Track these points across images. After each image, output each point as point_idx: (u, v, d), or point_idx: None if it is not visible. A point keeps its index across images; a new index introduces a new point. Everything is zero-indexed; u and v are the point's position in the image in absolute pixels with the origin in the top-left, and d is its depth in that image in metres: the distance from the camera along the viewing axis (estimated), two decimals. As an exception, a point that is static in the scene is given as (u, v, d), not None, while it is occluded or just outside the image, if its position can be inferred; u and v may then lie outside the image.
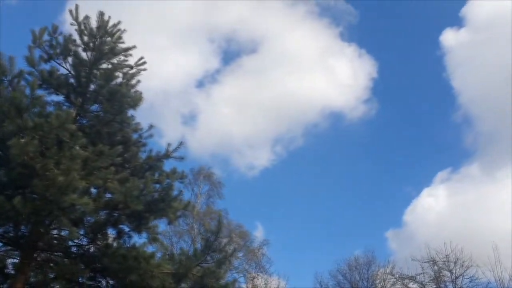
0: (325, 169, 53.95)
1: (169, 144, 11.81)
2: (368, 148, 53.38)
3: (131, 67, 12.31)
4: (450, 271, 23.78)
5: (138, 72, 12.29)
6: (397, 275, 26.83)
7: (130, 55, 12.26)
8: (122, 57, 12.19)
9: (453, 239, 24.73)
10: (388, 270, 28.87)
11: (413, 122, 53.37)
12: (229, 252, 11.24)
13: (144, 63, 12.43)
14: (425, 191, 42.76)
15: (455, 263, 23.61)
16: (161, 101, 53.46)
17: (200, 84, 57.72)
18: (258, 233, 34.70)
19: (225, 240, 11.56)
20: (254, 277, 31.00)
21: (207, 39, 56.08)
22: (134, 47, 12.27)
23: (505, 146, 42.95)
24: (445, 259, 23.82)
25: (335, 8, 56.89)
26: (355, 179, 51.70)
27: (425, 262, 24.27)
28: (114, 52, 11.99)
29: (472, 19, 50.28)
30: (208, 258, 10.87)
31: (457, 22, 60.30)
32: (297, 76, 54.99)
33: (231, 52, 58.82)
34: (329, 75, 55.08)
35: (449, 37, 50.24)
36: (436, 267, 24.10)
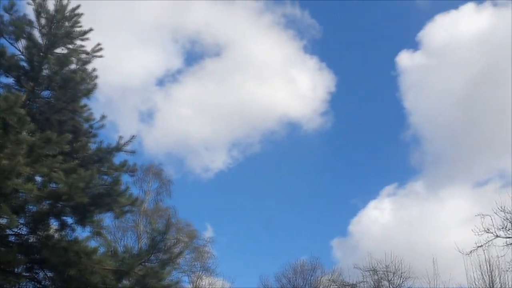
0: (279, 176, 54.82)
1: (120, 137, 11.57)
2: (321, 159, 54.79)
3: (87, 53, 11.94)
4: (389, 281, 24.54)
5: (94, 58, 11.92)
6: (339, 282, 27.42)
7: (87, 39, 11.86)
8: (79, 42, 11.80)
9: (395, 251, 25.54)
10: (331, 277, 29.48)
11: (365, 137, 55.35)
12: (174, 253, 11.09)
13: (101, 49, 12.08)
14: (372, 204, 44.04)
15: (394, 273, 24.38)
16: (120, 96, 52.36)
17: (161, 82, 57.07)
18: (208, 234, 34.61)
19: (172, 241, 11.39)
20: (198, 277, 30.82)
21: (171, 38, 55.46)
22: (91, 30, 11.88)
23: (450, 167, 45.08)
24: (385, 269, 24.56)
25: (300, 22, 57.88)
26: (307, 188, 52.92)
27: (366, 271, 24.93)
28: (70, 37, 11.57)
29: (427, 43, 52.49)
30: (153, 257, 10.69)
31: (414, 45, 62.83)
32: (259, 83, 55.47)
33: (195, 54, 58.50)
34: (290, 85, 55.93)
35: (404, 59, 52.26)
36: (376, 277, 24.80)
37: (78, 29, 11.79)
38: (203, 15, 55.46)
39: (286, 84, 57.18)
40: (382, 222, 42.01)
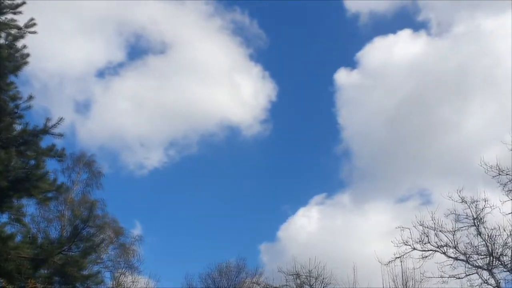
0: (214, 179, 54.93)
1: (48, 119, 11.05)
2: (257, 165, 55.63)
3: (19, 28, 11.33)
4: (311, 285, 25.13)
5: (26, 34, 11.30)
6: (263, 285, 27.76)
7: (20, 12, 11.23)
8: (10, 16, 11.16)
9: (319, 257, 26.24)
10: (255, 280, 29.80)
11: (300, 148, 57.10)
12: (96, 242, 10.81)
13: (34, 24, 11.48)
14: (301, 211, 45.11)
15: (316, 278, 25.00)
16: (56, 84, 50.28)
17: (101, 74, 55.42)
18: (136, 232, 33.87)
19: (94, 230, 11.05)
20: (121, 274, 30.06)
21: (116, 31, 54.18)
22: (23, 3, 11.27)
23: (375, 183, 47.17)
24: (308, 274, 25.13)
25: (249, 30, 58.63)
26: (240, 192, 53.44)
27: (290, 275, 25.36)
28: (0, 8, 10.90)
29: (364, 64, 54.91)
30: (73, 246, 10.37)
31: (352, 64, 65.52)
32: (202, 85, 55.39)
33: (139, 49, 57.48)
34: (233, 91, 56.32)
35: (342, 76, 54.50)
36: (299, 281, 25.30)
37: (9, 1, 11.13)
38: (151, 11, 54.58)
39: (229, 89, 57.49)
40: (309, 229, 43.18)
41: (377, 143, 48.28)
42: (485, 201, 18.81)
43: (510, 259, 18.26)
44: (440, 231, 19.36)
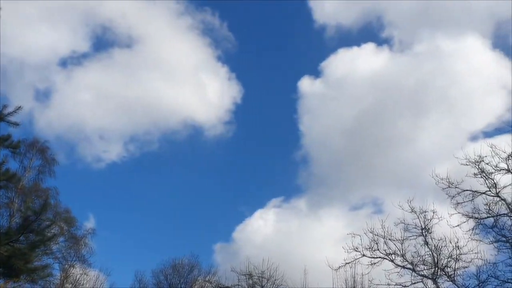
0: (174, 176, 54.64)
1: (4, 106, 10.73)
2: (218, 166, 55.71)
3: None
4: (263, 286, 25.38)
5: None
6: (215, 283, 27.80)
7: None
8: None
9: (272, 259, 26.56)
10: (207, 278, 29.81)
11: (261, 151, 57.65)
12: (47, 236, 10.56)
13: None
14: (258, 213, 45.51)
15: (268, 279, 25.28)
16: (16, 70, 48.59)
17: (63, 63, 54.19)
18: (89, 225, 33.22)
19: (46, 223, 10.74)
20: (71, 266, 29.39)
21: (82, 20, 52.87)
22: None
23: (331, 190, 48.26)
24: (260, 275, 25.36)
25: (218, 32, 58.65)
26: (198, 191, 53.36)
27: (242, 274, 25.54)
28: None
29: (328, 73, 56.06)
30: (22, 238, 10.10)
31: (316, 73, 66.79)
32: (167, 82, 54.95)
33: (105, 41, 56.35)
34: (198, 90, 56.10)
35: (305, 84, 55.46)
36: (251, 281, 25.50)
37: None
38: (121, 4, 53.63)
39: (195, 88, 57.29)
40: (265, 231, 43.62)
41: (335, 151, 49.46)
42: (433, 212, 19.59)
43: (454, 270, 19.02)
44: (389, 239, 19.99)
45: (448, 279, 19.00)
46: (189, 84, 57.91)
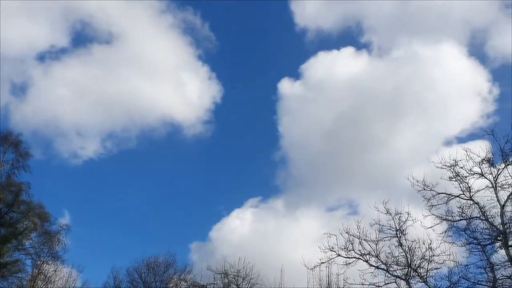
0: (151, 174, 54.18)
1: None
2: (196, 165, 55.59)
3: None
4: (238, 285, 25.34)
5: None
6: (190, 282, 27.67)
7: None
8: None
9: (248, 258, 26.60)
10: (183, 277, 29.65)
11: (240, 151, 57.83)
12: (19, 229, 10.35)
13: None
14: (235, 212, 45.57)
15: (243, 278, 25.26)
16: (-8, 63, 47.50)
17: (41, 57, 53.27)
18: (64, 221, 32.71)
19: (18, 216, 10.50)
20: (44, 262, 28.86)
21: (62, 15, 52.04)
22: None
23: (308, 191, 48.68)
24: (236, 274, 25.34)
25: (200, 32, 58.50)
26: (176, 189, 53.13)
27: (218, 273, 25.47)
28: None
29: (307, 76, 56.53)
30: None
31: (296, 75, 67.33)
32: (147, 80, 54.57)
33: (84, 36, 55.74)
34: (178, 89, 55.82)
35: (285, 86, 55.81)
36: (226, 280, 25.45)
37: None
38: (101, 0, 52.81)
39: (175, 86, 57.03)
40: (242, 231, 43.68)
41: (313, 153, 49.92)
42: (408, 214, 19.88)
43: (426, 271, 19.33)
44: (364, 239, 20.20)
45: (420, 280, 19.30)
46: (169, 82, 57.70)
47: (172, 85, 57.40)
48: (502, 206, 18.72)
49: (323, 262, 21.01)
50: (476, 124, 39.23)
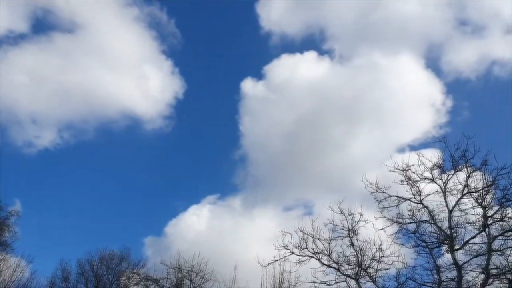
0: (108, 167, 53.23)
1: None
2: (155, 159, 55.01)
3: None
4: (191, 280, 25.35)
5: None
6: (143, 276, 27.43)
7: None
8: None
9: (203, 254, 26.62)
10: (136, 270, 29.34)
11: (200, 148, 57.68)
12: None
13: None
14: (192, 208, 45.47)
15: (197, 274, 25.29)
16: None
17: (-2, 42, 51.20)
18: (15, 210, 31.72)
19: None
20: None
21: (22, 0, 50.24)
22: None
23: (266, 191, 49.12)
24: (190, 269, 25.32)
25: (165, 27, 57.99)
26: (132, 183, 52.45)
27: (171, 268, 25.41)
28: None
29: (270, 77, 57.11)
30: None
31: (259, 75, 67.71)
32: (108, 71, 53.66)
33: (45, 24, 54.23)
34: (140, 82, 55.11)
35: (248, 86, 56.16)
36: (180, 275, 25.41)
37: None
38: (65, -12, 51.39)
39: (136, 80, 56.30)
40: (198, 227, 43.63)
41: (273, 154, 50.45)
42: (360, 215, 20.41)
43: (375, 271, 19.88)
44: (318, 238, 20.59)
45: (369, 280, 19.82)
46: (131, 75, 56.90)
47: (134, 78, 56.72)
48: (450, 211, 19.45)
49: (277, 260, 21.32)
50: (429, 133, 40.70)
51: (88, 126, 51.12)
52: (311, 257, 20.61)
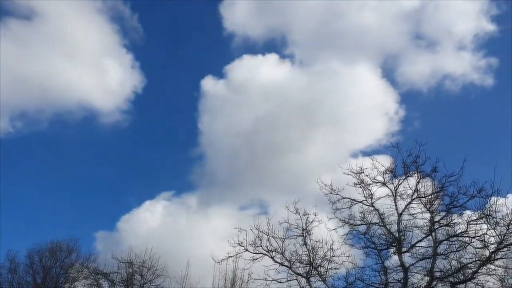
0: (62, 159, 51.83)
1: None
2: (110, 153, 54.02)
3: None
4: (142, 275, 25.10)
5: None
6: (92, 269, 26.93)
7: None
8: None
9: (156, 250, 26.38)
10: (86, 264, 28.79)
11: (157, 144, 57.06)
12: None
13: None
14: (146, 204, 44.91)
15: (148, 269, 25.06)
16: None
17: None
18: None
19: None
20: None
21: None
22: None
23: (222, 189, 49.19)
24: (141, 264, 25.06)
25: (128, 22, 57.17)
26: (86, 177, 51.27)
27: (122, 262, 25.07)
28: None
29: (231, 76, 57.40)
30: None
31: (220, 74, 67.76)
32: (67, 62, 52.21)
33: (1, 9, 52.20)
34: (98, 74, 54.03)
35: (208, 84, 56.22)
36: (131, 269, 25.11)
37: None
38: (26, -26, 49.79)
39: (95, 72, 55.11)
40: (152, 223, 43.13)
41: (230, 153, 50.63)
42: (314, 215, 20.86)
43: (326, 270, 20.34)
44: (272, 237, 20.88)
45: (320, 279, 20.26)
46: (90, 67, 55.66)
47: (93, 70, 55.53)
48: (400, 215, 20.16)
49: (231, 256, 21.46)
50: (381, 141, 42.17)
51: (42, 116, 49.75)
52: (265, 254, 20.85)
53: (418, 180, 20.00)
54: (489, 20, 55.07)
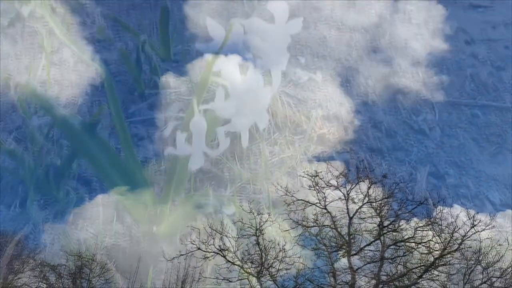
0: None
1: None
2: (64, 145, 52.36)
3: None
4: (91, 269, 24.44)
5: None
6: (39, 261, 26.29)
7: None
8: None
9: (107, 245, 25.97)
10: (32, 255, 27.98)
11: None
12: None
13: None
14: (99, 198, 44.19)
15: (98, 263, 24.62)
16: None
17: None
18: None
19: None
20: None
21: None
22: None
23: (178, 187, 48.65)
24: (91, 257, 24.59)
25: (90, 14, 55.80)
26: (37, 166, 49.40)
27: (71, 255, 24.61)
28: None
29: (192, 75, 57.37)
30: None
31: (180, 72, 66.99)
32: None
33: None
34: (57, 65, 52.36)
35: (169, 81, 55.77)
36: (80, 263, 24.51)
37: None
38: None
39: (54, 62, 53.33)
40: (104, 218, 42.37)
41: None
42: (268, 215, 21.12)
43: (277, 270, 20.62)
44: (226, 235, 20.96)
45: (270, 279, 20.50)
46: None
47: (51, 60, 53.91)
48: (350, 218, 20.68)
49: (182, 255, 21.42)
50: (335, 148, 43.58)
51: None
52: (217, 253, 20.88)
53: (369, 186, 20.63)
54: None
